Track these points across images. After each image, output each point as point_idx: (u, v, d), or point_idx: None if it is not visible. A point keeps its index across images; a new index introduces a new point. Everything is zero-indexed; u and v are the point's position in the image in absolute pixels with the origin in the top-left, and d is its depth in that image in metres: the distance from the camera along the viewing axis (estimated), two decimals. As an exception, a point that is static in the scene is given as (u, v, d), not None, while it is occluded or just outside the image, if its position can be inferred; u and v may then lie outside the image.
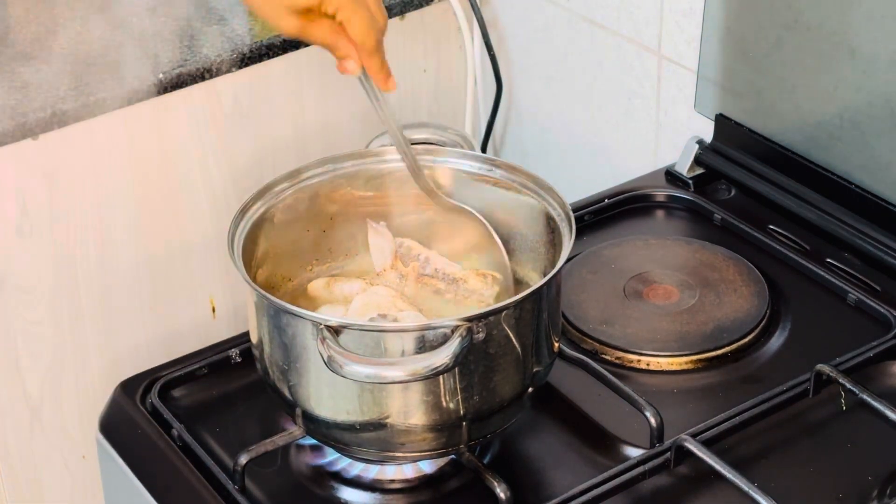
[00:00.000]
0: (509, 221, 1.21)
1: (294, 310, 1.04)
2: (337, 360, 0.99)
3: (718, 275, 1.32)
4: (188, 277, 1.62)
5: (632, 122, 1.63)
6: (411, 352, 1.02)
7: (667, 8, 1.52)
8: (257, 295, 1.07)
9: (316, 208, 1.21)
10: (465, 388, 1.05)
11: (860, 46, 1.31)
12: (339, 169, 1.21)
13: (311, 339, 1.04)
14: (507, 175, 1.20)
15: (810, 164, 1.40)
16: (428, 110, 1.78)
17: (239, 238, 1.12)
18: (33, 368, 1.54)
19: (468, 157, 1.21)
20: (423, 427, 1.06)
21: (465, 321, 1.02)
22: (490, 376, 1.06)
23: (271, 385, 1.11)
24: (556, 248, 1.14)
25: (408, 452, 1.09)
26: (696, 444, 1.10)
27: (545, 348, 1.11)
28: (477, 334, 1.03)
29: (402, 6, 1.68)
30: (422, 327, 1.03)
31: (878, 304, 1.27)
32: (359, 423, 1.06)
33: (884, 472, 1.11)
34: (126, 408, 1.21)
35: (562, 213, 1.14)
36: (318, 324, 1.02)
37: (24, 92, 1.47)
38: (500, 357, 1.06)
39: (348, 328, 1.02)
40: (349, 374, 1.00)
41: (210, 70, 1.54)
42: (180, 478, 1.14)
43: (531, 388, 1.11)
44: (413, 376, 1.00)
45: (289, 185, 1.19)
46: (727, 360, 1.24)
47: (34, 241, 1.49)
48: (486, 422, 1.09)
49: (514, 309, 1.05)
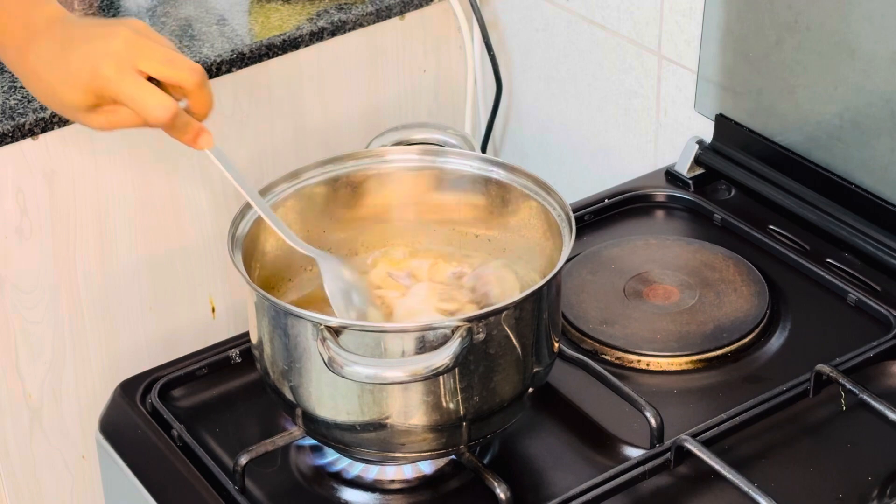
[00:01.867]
0: (509, 222, 1.21)
1: (294, 310, 1.04)
2: (337, 361, 0.99)
3: (718, 275, 1.32)
4: (188, 277, 1.62)
5: (632, 122, 1.63)
6: (412, 352, 1.02)
7: (667, 8, 1.52)
8: (258, 295, 1.07)
9: (316, 209, 1.21)
10: (466, 389, 1.05)
11: (860, 46, 1.31)
12: (340, 169, 1.21)
13: (311, 340, 1.04)
14: (507, 175, 1.20)
15: (810, 164, 1.40)
16: (428, 110, 1.78)
17: (239, 239, 1.12)
18: (33, 368, 1.54)
19: (468, 157, 1.21)
20: (424, 427, 1.06)
21: (465, 321, 1.02)
22: (490, 376, 1.06)
23: (271, 385, 1.11)
24: (556, 248, 1.14)
25: (408, 453, 1.09)
26: (696, 444, 1.10)
27: (545, 348, 1.11)
28: (477, 335, 1.03)
29: (402, 6, 1.68)
30: (422, 328, 1.03)
31: (878, 304, 1.27)
32: (359, 423, 1.06)
33: (884, 472, 1.11)
34: (126, 408, 1.21)
35: (562, 213, 1.14)
36: (319, 324, 1.02)
37: (24, 92, 1.47)
38: (500, 357, 1.06)
39: (348, 329, 1.02)
40: (349, 375, 0.99)
41: (210, 70, 1.54)
42: (180, 478, 1.14)
43: (531, 388, 1.11)
44: (413, 377, 1.00)
45: (289, 186, 1.19)
46: (727, 360, 1.24)
47: (34, 241, 1.49)
48: (486, 422, 1.09)
49: (514, 309, 1.05)
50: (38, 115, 1.44)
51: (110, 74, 1.02)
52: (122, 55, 1.02)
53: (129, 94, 1.02)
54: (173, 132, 1.06)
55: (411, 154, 1.22)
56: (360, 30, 1.65)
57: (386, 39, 1.70)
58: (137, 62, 1.02)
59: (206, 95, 1.06)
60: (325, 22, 1.61)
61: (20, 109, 1.44)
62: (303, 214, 1.20)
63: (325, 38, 1.62)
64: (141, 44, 1.03)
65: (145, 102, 1.02)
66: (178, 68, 1.03)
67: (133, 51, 1.03)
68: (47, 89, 1.05)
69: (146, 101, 1.02)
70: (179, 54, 1.04)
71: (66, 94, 1.04)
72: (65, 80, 1.03)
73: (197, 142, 1.07)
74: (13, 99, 1.46)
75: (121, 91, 1.02)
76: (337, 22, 1.62)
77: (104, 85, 1.02)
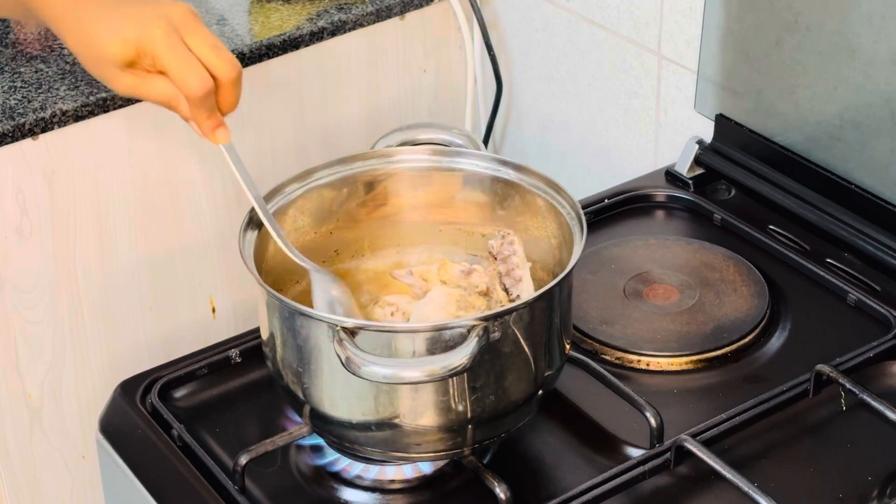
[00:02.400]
0: (518, 222, 1.20)
1: (310, 312, 1.04)
2: (355, 361, 0.99)
3: (718, 275, 1.32)
4: (188, 277, 1.62)
5: (632, 122, 1.63)
6: (427, 353, 1.02)
7: (667, 8, 1.52)
8: (269, 297, 1.07)
9: (324, 210, 1.21)
10: (479, 389, 1.05)
11: (860, 46, 1.31)
12: (348, 170, 1.21)
13: (325, 341, 1.03)
14: (516, 175, 1.19)
15: (810, 164, 1.40)
16: (428, 110, 1.78)
17: (250, 240, 1.12)
18: (33, 368, 1.54)
19: (478, 157, 1.21)
20: (435, 428, 1.06)
21: (481, 321, 1.02)
22: (503, 377, 1.06)
23: (283, 386, 1.10)
24: (566, 248, 1.13)
25: (418, 453, 1.09)
26: (696, 444, 1.10)
27: (557, 349, 1.10)
28: (493, 334, 1.03)
29: (402, 6, 1.68)
30: (437, 327, 1.02)
31: (878, 304, 1.27)
32: (371, 422, 1.06)
33: (884, 472, 1.11)
34: (126, 408, 1.21)
35: (572, 212, 1.14)
36: (335, 325, 1.02)
37: (24, 92, 1.47)
38: (513, 357, 1.06)
39: (364, 329, 1.02)
40: (367, 375, 0.99)
41: (210, 70, 1.54)
42: (180, 478, 1.14)
43: (541, 390, 1.11)
44: (431, 377, 1.00)
45: (299, 186, 1.19)
46: (727, 360, 1.24)
47: (34, 241, 1.49)
48: (496, 423, 1.09)
49: (527, 309, 1.05)
50: (37, 115, 1.44)
51: (159, 36, 1.02)
52: (175, 23, 1.03)
53: (172, 59, 1.03)
54: (197, 115, 1.06)
55: (421, 154, 1.22)
56: (360, 30, 1.65)
57: (386, 39, 1.70)
58: (187, 36, 1.04)
59: (237, 93, 1.07)
60: (325, 22, 1.61)
61: (20, 109, 1.44)
62: (312, 214, 1.20)
63: (325, 38, 1.62)
64: (194, 22, 1.05)
65: (187, 71, 1.03)
66: (221, 57, 1.04)
67: (186, 24, 1.04)
68: (87, 38, 1.05)
69: (188, 71, 1.03)
70: (224, 46, 1.06)
71: (107, 45, 1.04)
72: (111, 30, 1.03)
73: (215, 133, 1.08)
74: (13, 99, 1.46)
75: (165, 54, 1.03)
76: (337, 22, 1.62)
77: (151, 43, 1.03)
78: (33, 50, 1.55)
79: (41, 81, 1.49)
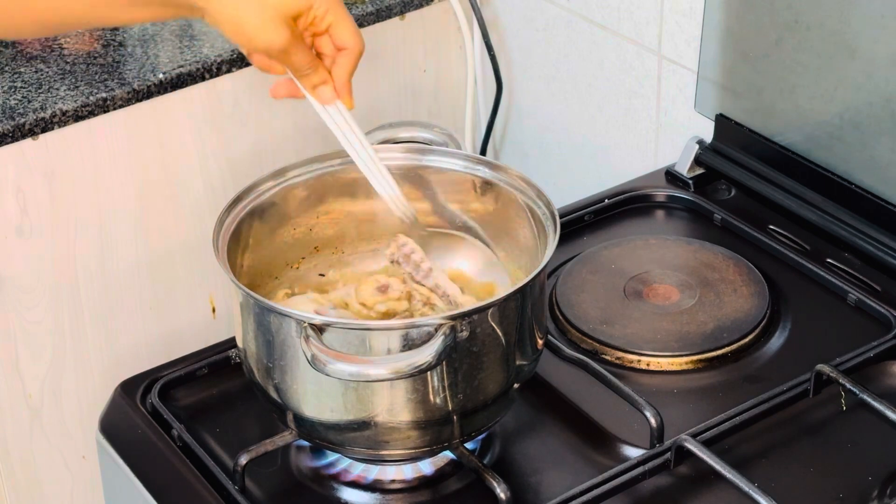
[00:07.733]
0: (496, 220, 1.20)
1: (278, 308, 1.05)
2: (320, 359, 1.00)
3: (718, 275, 1.32)
4: (188, 277, 1.62)
5: (632, 122, 1.63)
6: (396, 350, 1.02)
7: (667, 8, 1.52)
8: (242, 294, 1.07)
9: (303, 207, 1.21)
10: (450, 386, 1.05)
11: (860, 46, 1.31)
12: (326, 167, 1.21)
13: (295, 338, 1.04)
14: (492, 173, 1.20)
15: (810, 164, 1.40)
16: (428, 110, 1.78)
17: (224, 237, 1.12)
18: (33, 368, 1.54)
19: (453, 155, 1.21)
20: (409, 424, 1.06)
21: (448, 319, 1.02)
22: (474, 374, 1.06)
23: (257, 385, 1.11)
24: (542, 246, 1.13)
25: (396, 450, 1.09)
26: (696, 444, 1.10)
27: (529, 345, 1.11)
28: (461, 332, 1.03)
29: (402, 6, 1.68)
30: (406, 325, 1.03)
31: (878, 304, 1.27)
32: (344, 421, 1.06)
33: (884, 472, 1.11)
34: (126, 408, 1.21)
35: (546, 211, 1.14)
36: (302, 322, 1.02)
37: (24, 92, 1.47)
38: (483, 355, 1.06)
39: (332, 326, 1.02)
40: (333, 373, 1.00)
41: (210, 70, 1.54)
42: (180, 478, 1.14)
43: (516, 383, 1.11)
44: (396, 374, 1.00)
45: (274, 184, 1.19)
46: (727, 360, 1.24)
47: (34, 241, 1.49)
48: (473, 418, 1.09)
49: (497, 307, 1.05)
50: (38, 115, 1.44)
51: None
52: None
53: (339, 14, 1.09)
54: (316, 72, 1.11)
55: (395, 153, 1.22)
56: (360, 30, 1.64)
57: (386, 39, 1.70)
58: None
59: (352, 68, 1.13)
60: (325, 22, 1.61)
61: (20, 109, 1.44)
62: (289, 212, 1.20)
63: (325, 38, 1.62)
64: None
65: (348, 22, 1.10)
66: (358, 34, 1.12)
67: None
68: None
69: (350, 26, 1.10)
70: None
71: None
72: None
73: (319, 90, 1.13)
74: (13, 99, 1.46)
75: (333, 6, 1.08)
76: (337, 22, 1.62)
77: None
78: (33, 50, 1.55)
79: (41, 81, 1.49)
